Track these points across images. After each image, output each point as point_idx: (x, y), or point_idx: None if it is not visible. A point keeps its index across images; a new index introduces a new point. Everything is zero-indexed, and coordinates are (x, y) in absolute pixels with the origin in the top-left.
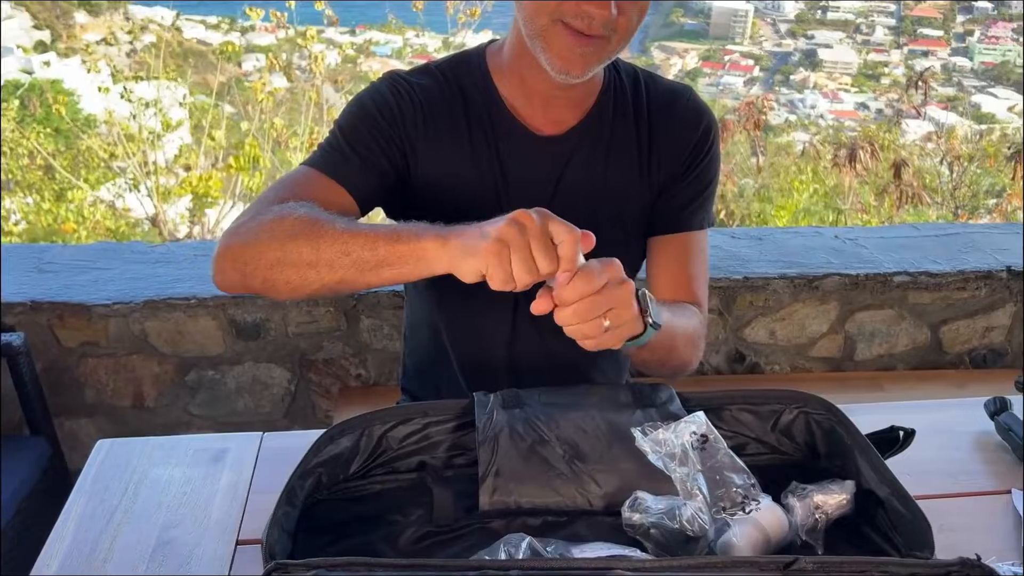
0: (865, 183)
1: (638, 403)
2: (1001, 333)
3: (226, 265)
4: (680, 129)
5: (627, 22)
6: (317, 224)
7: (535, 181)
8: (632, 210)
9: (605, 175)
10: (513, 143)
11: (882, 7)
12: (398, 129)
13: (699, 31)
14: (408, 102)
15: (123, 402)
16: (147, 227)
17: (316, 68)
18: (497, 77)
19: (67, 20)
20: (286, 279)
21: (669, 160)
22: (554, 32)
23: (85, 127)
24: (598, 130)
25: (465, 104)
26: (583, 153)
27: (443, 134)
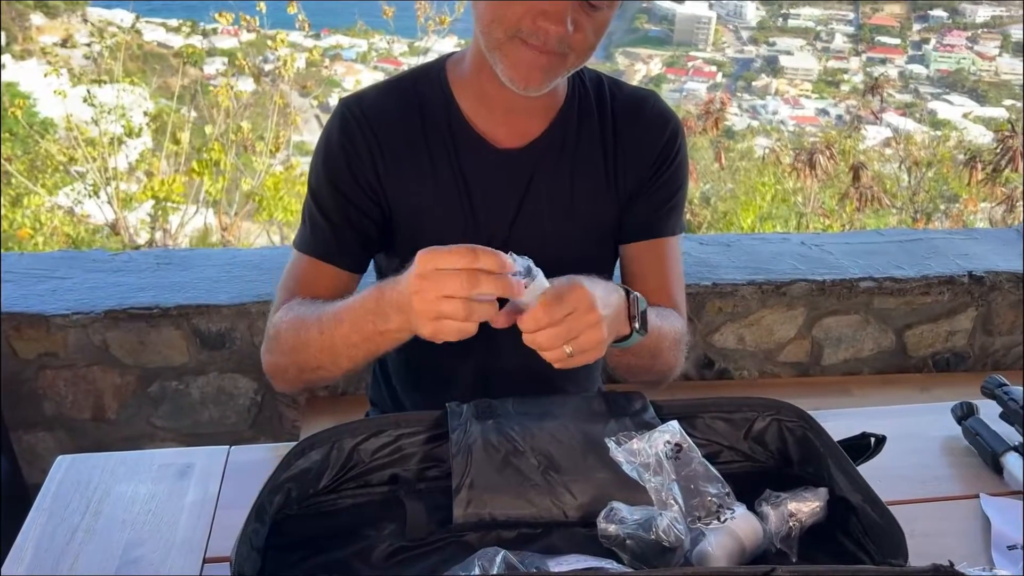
0: (826, 187)
1: (612, 412)
2: (963, 337)
3: (276, 382)
4: (646, 134)
5: (584, 40)
6: (304, 336)
7: (500, 195)
8: (601, 218)
9: (572, 185)
10: (475, 158)
11: (841, 15)
12: (358, 171)
13: (663, 37)
14: (361, 138)
15: (83, 415)
16: (107, 233)
17: (285, 72)
18: (457, 90)
19: (23, 22)
20: (319, 378)
21: (636, 166)
22: (511, 47)
23: (42, 131)
24: (563, 140)
25: (424, 121)
26: (548, 164)
27: (403, 158)
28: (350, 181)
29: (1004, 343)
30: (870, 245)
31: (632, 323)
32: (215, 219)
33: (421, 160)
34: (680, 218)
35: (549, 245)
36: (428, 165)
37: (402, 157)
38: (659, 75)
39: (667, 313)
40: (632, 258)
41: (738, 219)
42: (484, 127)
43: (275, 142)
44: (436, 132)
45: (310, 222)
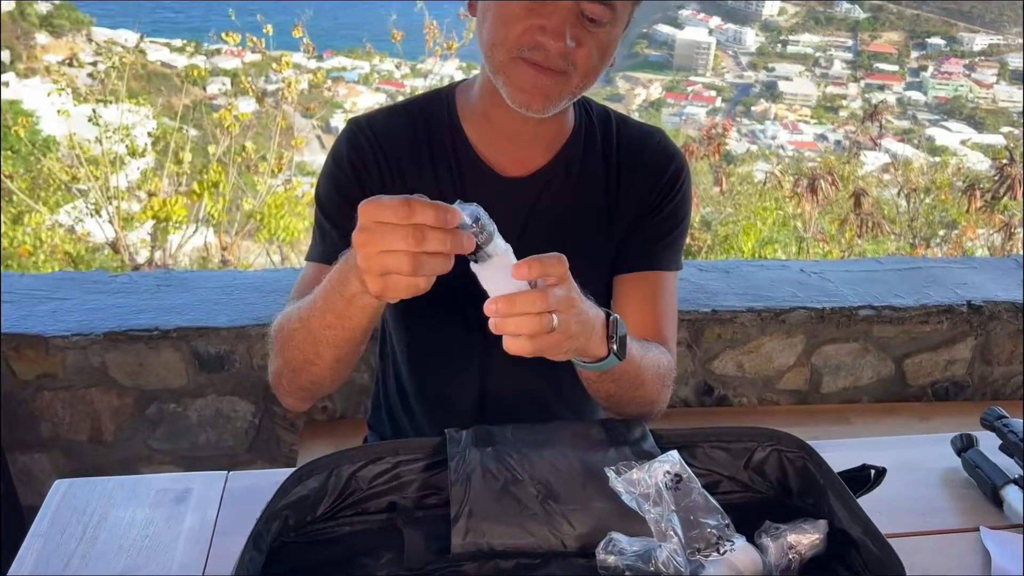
0: (826, 212)
1: (612, 440)
2: (962, 366)
3: (279, 393)
4: (649, 169)
5: (586, 57)
6: (287, 328)
7: (502, 223)
8: (600, 249)
9: (573, 216)
10: (479, 185)
11: (839, 42)
12: (366, 185)
13: (663, 62)
14: (369, 153)
15: (80, 436)
16: (107, 252)
17: (288, 94)
18: (464, 118)
19: (28, 41)
20: (311, 378)
21: (637, 199)
22: (514, 67)
23: (44, 149)
24: (566, 171)
25: (431, 145)
26: (551, 194)
27: (409, 179)
28: (359, 193)
29: (1003, 373)
30: (869, 273)
31: (609, 343)
32: (215, 238)
33: (426, 183)
34: (677, 255)
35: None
36: (433, 189)
37: (408, 178)
38: (659, 99)
39: (652, 346)
40: (625, 289)
41: (738, 243)
42: (489, 155)
43: (278, 163)
44: (442, 157)
45: (319, 232)
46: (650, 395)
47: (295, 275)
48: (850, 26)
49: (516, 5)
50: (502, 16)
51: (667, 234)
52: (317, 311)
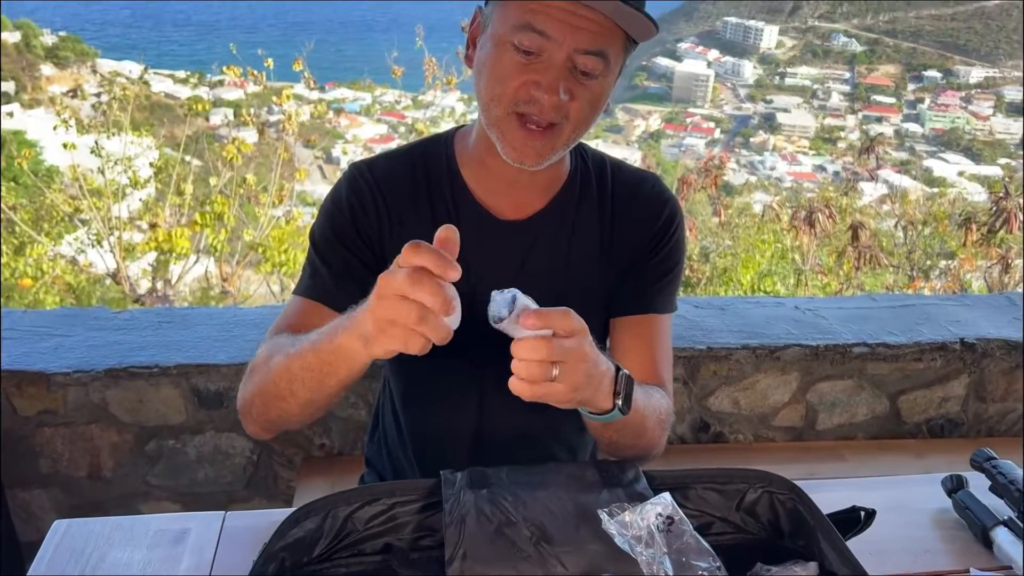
0: (824, 245)
1: (605, 482)
2: (957, 403)
3: (244, 419)
4: (643, 213)
5: (579, 110)
6: (271, 360)
7: (499, 266)
8: (595, 292)
9: (568, 258)
10: (476, 228)
11: (837, 75)
12: (363, 228)
13: (662, 94)
14: (368, 196)
15: (79, 472)
16: (108, 283)
17: (289, 126)
18: (462, 162)
19: (33, 72)
20: (280, 414)
21: (632, 243)
22: (508, 124)
23: (48, 180)
24: (562, 215)
25: (430, 190)
26: (547, 238)
27: (406, 221)
28: (354, 235)
29: (997, 410)
30: (863, 310)
31: (615, 399)
32: (216, 269)
33: (424, 222)
34: (672, 297)
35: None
36: (430, 227)
37: (406, 224)
38: (658, 130)
39: (653, 391)
40: (622, 332)
41: (737, 276)
42: (487, 199)
43: (278, 194)
44: (440, 201)
45: (310, 269)
46: (651, 441)
47: None
48: (847, 59)
49: (511, 62)
50: (497, 73)
51: (662, 277)
52: (303, 351)
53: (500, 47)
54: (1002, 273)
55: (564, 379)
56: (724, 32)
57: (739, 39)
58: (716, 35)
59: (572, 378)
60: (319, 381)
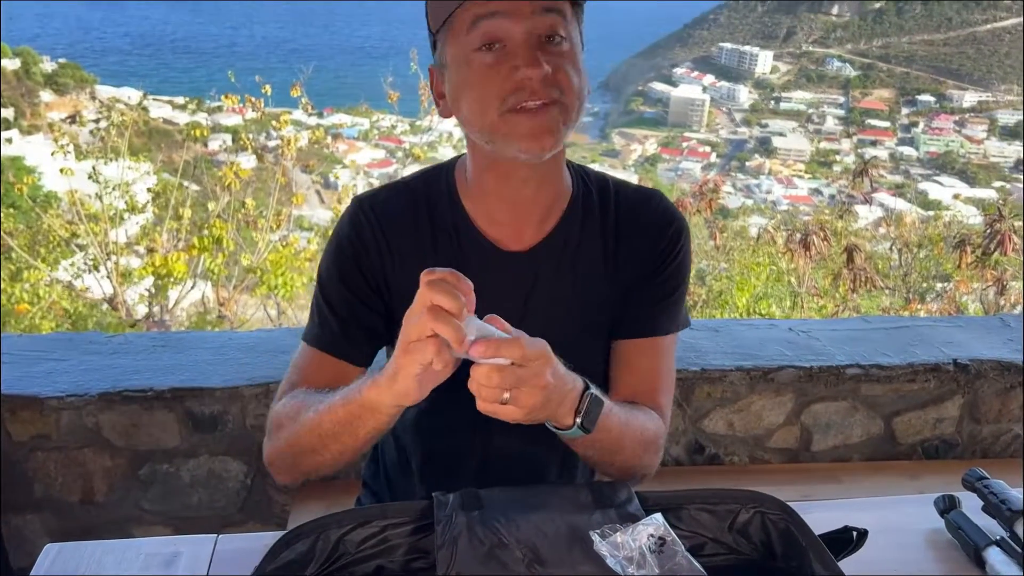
0: (820, 267)
1: (598, 504)
2: (951, 424)
3: (275, 471)
4: (648, 231)
5: (567, 77)
6: (301, 417)
7: (504, 297)
8: (600, 315)
9: (572, 284)
10: (480, 260)
11: (831, 99)
12: (367, 268)
13: (658, 119)
14: (371, 236)
15: (72, 497)
16: (105, 308)
17: (288, 151)
18: (463, 192)
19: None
20: (313, 465)
21: (637, 262)
22: (508, 122)
23: (45, 205)
24: (564, 242)
25: (432, 223)
26: (551, 266)
27: (410, 255)
28: (358, 278)
29: (992, 431)
30: (857, 332)
31: (575, 416)
32: (213, 293)
33: (427, 255)
34: (678, 315)
35: (552, 345)
36: (434, 260)
37: (409, 258)
38: (655, 155)
39: (637, 412)
40: (623, 354)
41: (733, 299)
42: (490, 230)
43: (276, 219)
44: (443, 234)
45: (318, 316)
46: (629, 461)
47: (289, 335)
48: (841, 83)
49: (482, 66)
50: (476, 85)
51: (667, 296)
52: (333, 406)
53: (465, 64)
54: (997, 295)
55: (516, 402)
56: (719, 57)
57: (734, 64)
58: (711, 60)
59: (526, 401)
60: (351, 434)
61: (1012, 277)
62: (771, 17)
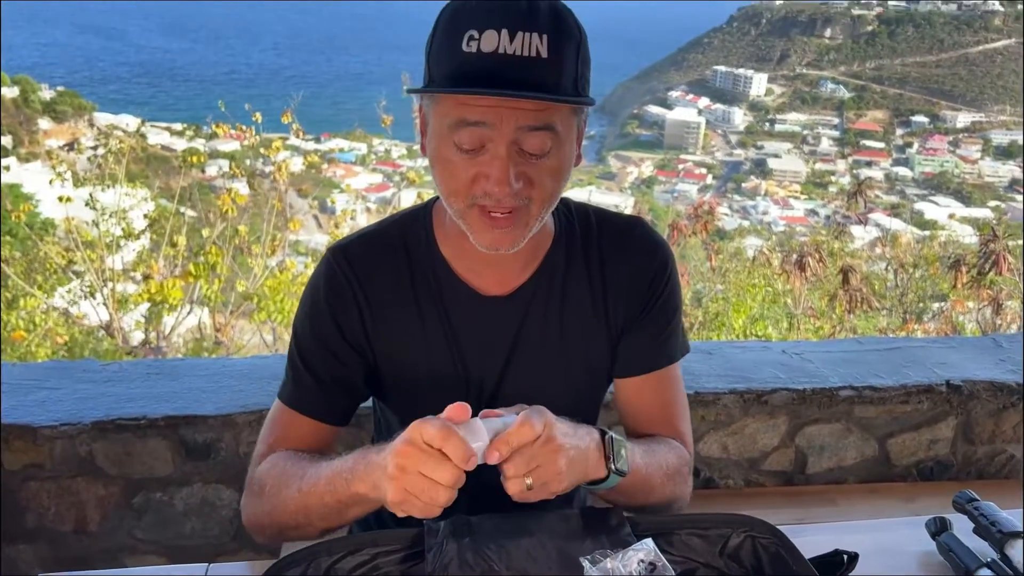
0: (816, 288)
1: (589, 530)
2: (945, 445)
3: (255, 535)
4: (635, 264)
5: (540, 188)
6: (283, 493)
7: (489, 343)
8: (593, 355)
9: (561, 326)
10: (462, 307)
11: (826, 120)
12: (345, 324)
13: (654, 141)
14: (348, 291)
15: (65, 527)
16: (101, 335)
17: (280, 176)
18: (441, 238)
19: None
20: (298, 536)
21: (628, 298)
22: (472, 215)
23: (43, 232)
24: (549, 284)
25: (411, 271)
26: (538, 310)
27: (390, 311)
28: (336, 336)
29: (986, 452)
30: (850, 354)
31: (608, 463)
32: (209, 319)
33: (409, 311)
34: (677, 342)
35: (542, 390)
36: (416, 316)
37: (389, 309)
38: (651, 177)
39: (659, 447)
40: (632, 391)
41: (729, 320)
42: (469, 276)
43: (271, 244)
44: (423, 282)
45: (293, 374)
46: (665, 495)
47: (283, 361)
48: (836, 105)
49: (456, 157)
50: (448, 168)
51: (665, 327)
52: (319, 490)
53: (443, 143)
54: (993, 314)
55: (538, 484)
56: (714, 80)
57: (729, 87)
58: (706, 83)
59: (551, 471)
60: (338, 516)
61: (1008, 296)
62: (764, 40)
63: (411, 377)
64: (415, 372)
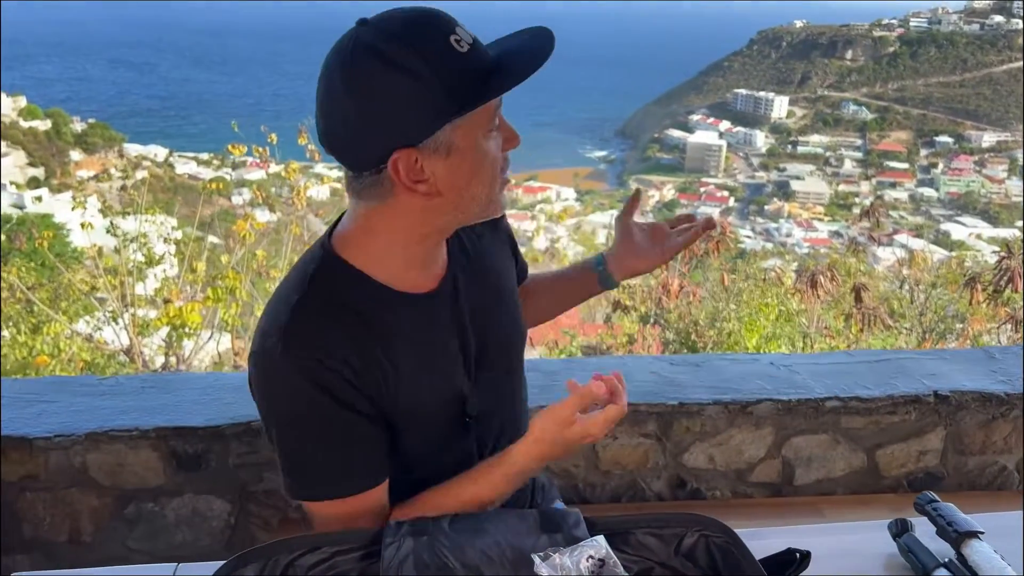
0: (831, 308)
1: (545, 528)
2: (935, 457)
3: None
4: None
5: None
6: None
7: (448, 329)
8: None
9: (486, 282)
10: (417, 314)
11: (848, 142)
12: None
13: (675, 165)
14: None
15: (60, 537)
16: (123, 359)
17: (298, 201)
18: (366, 266)
19: (62, 158)
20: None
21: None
22: (500, 191)
23: (72, 260)
24: (461, 254)
25: (361, 316)
26: (466, 282)
27: (371, 365)
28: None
29: (978, 463)
30: (838, 366)
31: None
32: (230, 343)
33: (389, 355)
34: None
35: (512, 329)
36: (398, 355)
37: (372, 367)
38: (672, 200)
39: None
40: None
41: (743, 340)
42: (407, 285)
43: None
44: (379, 320)
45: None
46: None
47: None
48: (858, 126)
49: (495, 146)
50: (491, 161)
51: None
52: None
53: (487, 143)
54: (1014, 331)
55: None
56: (735, 103)
57: (750, 110)
58: (727, 106)
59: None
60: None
61: None
62: (785, 63)
63: (423, 400)
64: (423, 395)
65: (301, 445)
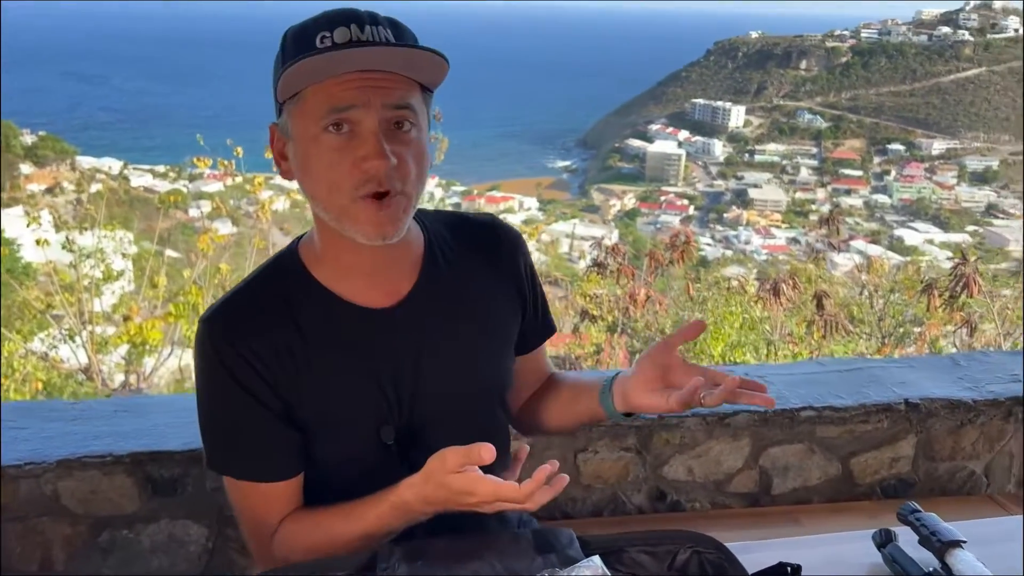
0: (793, 315)
1: (539, 549)
2: (907, 463)
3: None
4: (506, 250)
5: (409, 170)
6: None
7: (393, 351)
8: (509, 329)
9: (458, 322)
10: (354, 326)
11: (804, 150)
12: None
13: (635, 174)
14: (233, 353)
15: (31, 568)
16: (81, 378)
17: (263, 215)
18: (316, 268)
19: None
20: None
21: (510, 284)
22: (357, 208)
23: (23, 277)
24: (436, 284)
25: (293, 314)
26: (432, 309)
27: (280, 354)
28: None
29: (947, 468)
30: (811, 375)
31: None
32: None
33: (296, 348)
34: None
35: (460, 380)
36: (316, 358)
37: (280, 354)
38: (633, 209)
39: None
40: (528, 362)
41: (708, 348)
42: (354, 295)
43: None
44: (307, 316)
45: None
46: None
47: None
48: (813, 135)
49: (330, 148)
50: (324, 165)
51: (544, 301)
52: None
53: (315, 142)
54: (968, 336)
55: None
56: (693, 113)
57: (708, 119)
58: (685, 116)
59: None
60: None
61: (981, 319)
62: (741, 73)
63: (331, 416)
64: (335, 409)
65: (211, 419)
